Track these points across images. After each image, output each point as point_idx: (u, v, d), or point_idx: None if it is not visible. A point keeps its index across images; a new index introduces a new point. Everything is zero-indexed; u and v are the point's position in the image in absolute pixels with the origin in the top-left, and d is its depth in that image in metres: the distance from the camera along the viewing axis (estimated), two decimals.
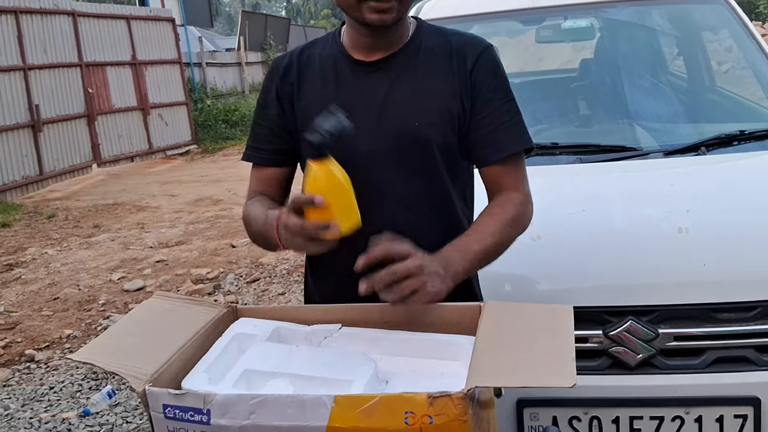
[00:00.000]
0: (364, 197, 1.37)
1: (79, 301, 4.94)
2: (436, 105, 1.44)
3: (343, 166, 1.38)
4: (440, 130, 1.45)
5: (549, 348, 1.06)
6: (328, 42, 1.54)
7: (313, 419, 0.98)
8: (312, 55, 1.53)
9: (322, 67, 1.50)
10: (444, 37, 1.50)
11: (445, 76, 1.45)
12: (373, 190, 1.42)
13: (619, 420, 1.79)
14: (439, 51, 1.48)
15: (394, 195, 1.45)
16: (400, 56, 1.47)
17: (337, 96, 1.46)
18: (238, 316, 1.34)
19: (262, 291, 4.95)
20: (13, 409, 3.45)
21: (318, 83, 1.50)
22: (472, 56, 1.46)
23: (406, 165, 1.45)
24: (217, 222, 7.12)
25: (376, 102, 1.45)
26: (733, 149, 2.40)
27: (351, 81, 1.48)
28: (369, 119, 1.44)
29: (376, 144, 1.43)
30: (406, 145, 1.44)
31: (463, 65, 1.46)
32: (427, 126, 1.44)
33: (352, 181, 1.34)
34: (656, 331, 1.76)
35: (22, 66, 9.45)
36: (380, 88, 1.45)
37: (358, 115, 1.41)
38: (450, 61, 1.46)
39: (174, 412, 1.03)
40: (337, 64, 1.49)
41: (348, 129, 1.20)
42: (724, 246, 1.88)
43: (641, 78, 2.95)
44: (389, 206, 1.45)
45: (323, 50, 1.53)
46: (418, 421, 0.95)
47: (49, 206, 8.53)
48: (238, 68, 17.85)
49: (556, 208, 2.04)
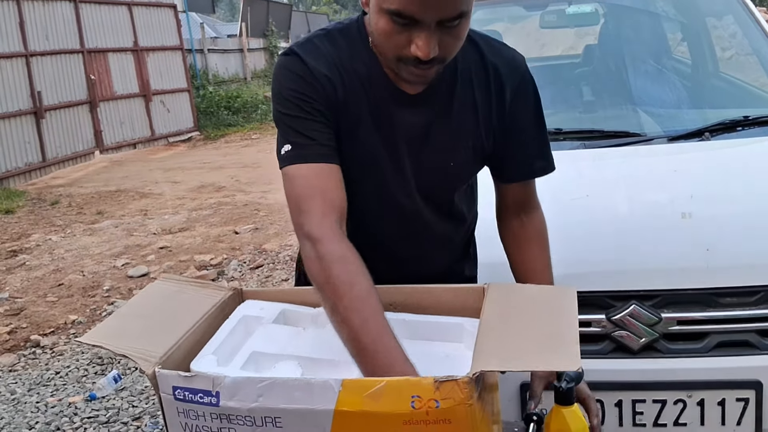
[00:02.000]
0: (393, 224, 1.43)
1: (83, 287, 4.97)
2: (471, 142, 1.39)
3: (380, 198, 1.40)
4: (472, 170, 1.47)
5: (553, 331, 1.07)
6: (355, 43, 1.34)
7: (321, 402, 0.99)
8: (344, 60, 1.32)
9: (362, 86, 1.32)
10: (477, 52, 1.38)
11: (482, 106, 1.38)
12: (404, 219, 1.42)
13: (621, 403, 1.80)
14: (475, 73, 1.37)
15: (424, 224, 1.45)
16: (440, 87, 1.34)
17: (375, 126, 1.33)
18: (244, 298, 1.34)
19: (265, 277, 4.97)
20: (20, 393, 3.48)
21: (357, 106, 1.32)
22: (510, 85, 1.39)
23: (436, 199, 1.44)
24: (220, 209, 7.13)
25: (414, 140, 1.36)
26: (736, 135, 2.40)
27: (392, 112, 1.34)
28: (408, 158, 1.36)
29: (414, 183, 1.39)
30: (441, 185, 1.43)
31: (500, 97, 1.38)
32: (462, 167, 1.43)
33: (388, 213, 1.40)
34: (659, 315, 1.77)
35: (24, 52, 9.44)
36: (420, 124, 1.35)
37: (398, 153, 1.35)
38: (488, 89, 1.37)
39: (184, 394, 1.04)
40: (377, 87, 1.32)
41: (582, 374, 1.30)
42: (727, 231, 1.89)
43: (645, 64, 2.94)
44: (417, 231, 1.46)
45: (355, 57, 1.33)
46: (424, 405, 0.95)
47: (53, 193, 8.54)
48: (240, 55, 17.80)
49: (560, 193, 2.04)
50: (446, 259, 1.54)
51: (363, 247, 1.19)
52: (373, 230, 1.42)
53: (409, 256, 1.48)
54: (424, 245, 1.48)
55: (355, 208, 1.29)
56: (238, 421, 1.02)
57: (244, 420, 1.02)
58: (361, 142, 1.33)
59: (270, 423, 1.01)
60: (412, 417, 0.96)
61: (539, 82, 1.46)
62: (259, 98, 15.05)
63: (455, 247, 1.56)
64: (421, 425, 0.96)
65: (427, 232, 1.46)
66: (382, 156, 1.35)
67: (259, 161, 9.51)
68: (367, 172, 1.35)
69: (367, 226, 1.40)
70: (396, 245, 1.46)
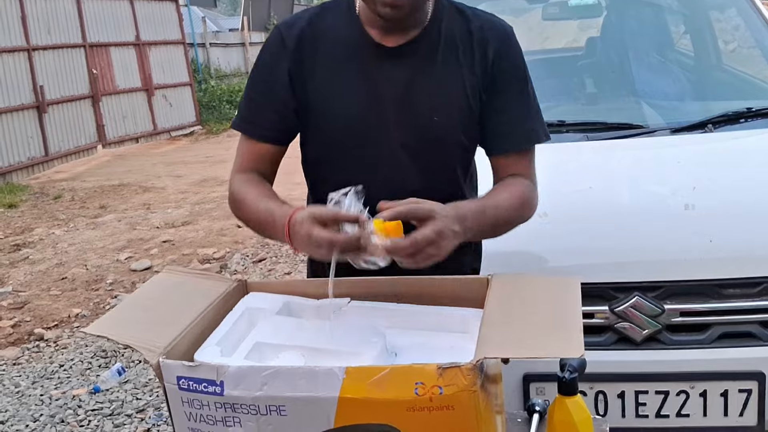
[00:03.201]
0: (379, 187, 1.36)
1: (86, 281, 4.98)
2: (456, 100, 1.41)
3: (364, 157, 1.40)
4: (459, 127, 1.43)
5: (557, 320, 1.08)
6: (341, 14, 1.45)
7: (325, 390, 0.99)
8: (325, 29, 1.43)
9: (340, 45, 1.42)
10: (464, 20, 1.43)
11: (466, 67, 1.41)
12: (389, 181, 1.40)
13: (624, 395, 1.81)
14: (460, 38, 1.42)
15: (410, 187, 1.39)
16: (420, 42, 1.41)
17: (357, 83, 1.41)
18: (248, 290, 1.35)
19: (268, 270, 4.98)
20: (24, 386, 3.49)
21: (334, 63, 1.42)
22: (493, 46, 1.41)
23: (423, 159, 1.42)
24: (223, 202, 7.13)
25: (397, 93, 1.40)
26: (739, 126, 2.40)
27: (372, 67, 1.41)
28: (391, 112, 1.40)
29: (397, 138, 1.41)
30: (425, 140, 1.41)
31: (484, 56, 1.41)
32: (447, 122, 1.41)
33: (372, 172, 1.37)
34: (662, 306, 1.78)
35: (26, 47, 9.43)
36: (401, 78, 1.40)
37: (380, 108, 1.40)
38: (471, 50, 1.41)
39: (188, 384, 1.04)
40: (357, 46, 1.41)
41: (585, 364, 1.30)
42: (730, 222, 1.89)
43: (648, 56, 2.94)
44: (403, 197, 1.41)
45: (337, 23, 1.44)
46: (428, 392, 0.96)
47: (55, 187, 8.55)
48: (242, 49, 17.76)
49: (563, 185, 2.05)
50: None
51: None
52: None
53: None
54: None
55: (339, 172, 1.40)
56: (242, 410, 1.03)
57: (248, 409, 1.03)
58: (343, 100, 1.40)
59: (274, 411, 1.02)
60: (415, 403, 0.96)
61: (542, 75, 1.47)
62: None
63: None
64: (425, 412, 0.96)
65: (409, 196, 1.40)
66: (365, 111, 1.40)
67: None
68: (351, 130, 1.42)
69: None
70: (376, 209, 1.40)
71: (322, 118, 1.43)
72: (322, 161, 1.49)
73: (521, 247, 1.83)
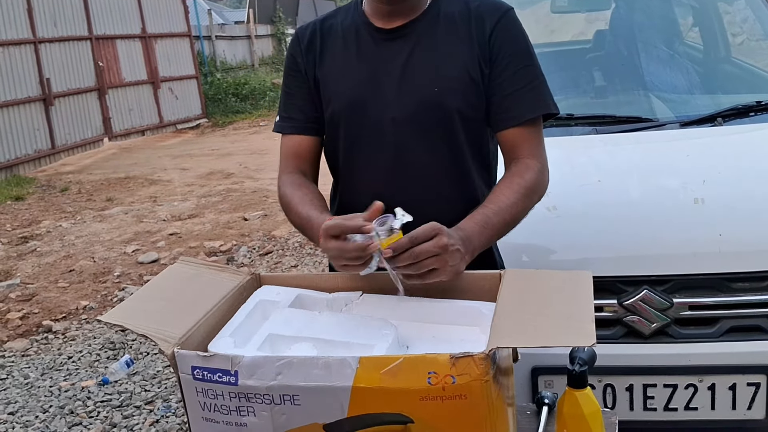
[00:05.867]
0: (388, 165, 1.44)
1: (94, 273, 5.00)
2: (456, 71, 1.45)
3: (368, 134, 1.45)
4: (461, 97, 1.45)
5: (568, 311, 1.08)
6: (350, 11, 1.57)
7: (339, 380, 1.00)
8: (334, 24, 1.56)
9: (344, 35, 1.53)
10: (464, 2, 1.50)
11: (465, 42, 1.46)
12: (396, 158, 1.46)
13: (632, 388, 1.81)
14: (459, 17, 1.48)
15: (417, 163, 1.47)
16: (419, 23, 1.48)
17: (359, 63, 1.49)
18: (262, 283, 1.36)
19: (275, 263, 4.99)
20: (33, 378, 3.52)
21: (339, 50, 1.52)
22: (490, 21, 1.46)
23: (428, 132, 1.46)
24: (229, 195, 7.15)
25: (396, 69, 1.46)
26: (749, 120, 2.39)
27: (372, 48, 1.50)
28: (391, 87, 1.46)
29: (398, 112, 1.45)
30: (427, 111, 1.45)
31: (482, 31, 1.46)
32: (447, 92, 1.44)
33: (378, 150, 1.43)
34: (671, 300, 1.78)
35: (33, 39, 9.45)
36: (400, 55, 1.47)
37: (380, 83, 1.47)
38: (469, 26, 1.46)
39: (202, 374, 1.05)
40: (359, 31, 1.52)
41: (595, 357, 1.31)
42: (739, 216, 1.89)
43: (657, 49, 2.93)
44: (411, 174, 1.47)
45: (345, 19, 1.56)
46: (440, 381, 0.97)
47: (62, 180, 8.58)
48: (248, 41, 17.77)
49: (572, 179, 2.05)
50: (446, 218, 1.29)
51: (359, 199, 1.33)
52: (366, 175, 1.51)
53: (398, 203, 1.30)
54: (412, 189, 1.45)
55: (348, 151, 1.51)
56: (256, 399, 1.04)
57: (262, 398, 1.04)
58: (345, 81, 1.51)
59: (288, 401, 1.03)
60: (428, 393, 0.97)
61: (551, 67, 1.47)
62: (267, 85, 15.04)
63: (456, 208, 1.42)
64: (438, 401, 0.97)
65: (416, 172, 1.46)
66: (363, 88, 1.48)
67: (268, 148, 9.51)
68: (353, 108, 1.49)
69: (360, 173, 1.52)
70: (385, 189, 1.41)
71: (329, 100, 1.52)
72: (335, 143, 1.56)
73: (530, 241, 1.84)
